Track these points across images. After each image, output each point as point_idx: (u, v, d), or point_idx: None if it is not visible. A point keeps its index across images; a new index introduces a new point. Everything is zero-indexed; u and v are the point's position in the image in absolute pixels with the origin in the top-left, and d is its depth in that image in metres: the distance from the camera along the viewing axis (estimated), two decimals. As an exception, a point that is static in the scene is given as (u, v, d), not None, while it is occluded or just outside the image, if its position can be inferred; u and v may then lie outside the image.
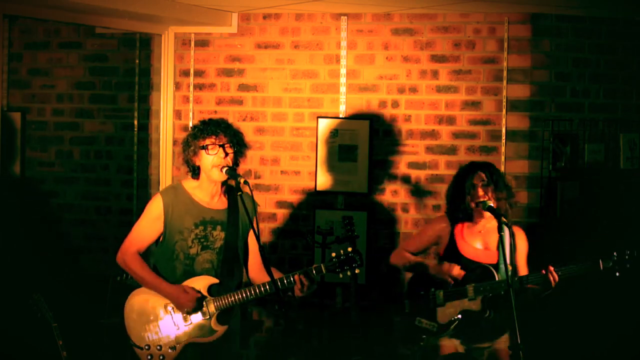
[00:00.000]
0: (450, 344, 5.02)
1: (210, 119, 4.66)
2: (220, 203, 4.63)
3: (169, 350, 4.52)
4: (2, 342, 5.43)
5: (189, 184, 4.65)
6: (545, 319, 5.89)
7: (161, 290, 4.54)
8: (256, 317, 6.46)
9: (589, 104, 6.35)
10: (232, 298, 4.50)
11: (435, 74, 6.28)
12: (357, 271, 4.49)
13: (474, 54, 6.22)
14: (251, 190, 4.45)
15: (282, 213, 6.50)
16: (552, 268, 4.80)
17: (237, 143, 4.59)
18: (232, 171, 4.51)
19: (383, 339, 6.18)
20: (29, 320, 4.88)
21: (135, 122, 6.84)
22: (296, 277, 4.48)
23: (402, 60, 6.32)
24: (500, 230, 4.68)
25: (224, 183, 4.63)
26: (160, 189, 6.54)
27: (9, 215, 5.99)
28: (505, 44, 6.16)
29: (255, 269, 4.70)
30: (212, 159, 4.52)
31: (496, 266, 4.95)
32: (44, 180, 6.97)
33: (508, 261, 4.76)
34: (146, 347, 4.54)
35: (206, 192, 4.62)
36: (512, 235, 5.00)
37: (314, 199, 6.44)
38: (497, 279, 4.87)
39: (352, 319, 5.84)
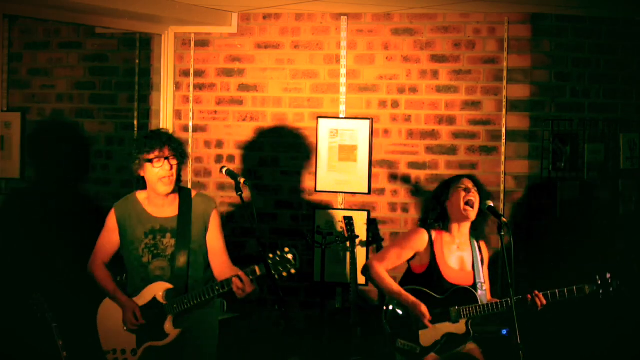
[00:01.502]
0: (432, 355, 5.03)
1: (152, 131, 4.84)
2: (170, 210, 4.71)
3: (131, 355, 4.66)
4: (2, 342, 5.43)
5: (141, 195, 4.77)
6: (544, 319, 5.89)
7: (117, 301, 4.72)
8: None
9: (589, 104, 6.35)
10: (182, 302, 4.59)
11: (435, 74, 6.28)
12: (292, 271, 4.45)
13: (474, 54, 6.22)
14: (251, 190, 4.45)
15: (282, 213, 6.50)
16: (537, 293, 4.88)
17: (180, 155, 4.67)
18: (232, 171, 4.56)
19: (382, 340, 6.18)
20: (29, 320, 4.89)
21: (135, 122, 6.84)
22: (234, 279, 4.51)
23: (402, 60, 6.31)
24: (500, 231, 4.68)
25: (175, 190, 4.69)
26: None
27: (9, 215, 5.99)
28: (505, 44, 6.16)
29: (219, 268, 4.74)
30: (158, 172, 4.60)
31: (474, 286, 5.02)
32: (44, 181, 6.96)
33: (483, 271, 4.86)
34: (112, 352, 4.71)
35: (155, 202, 4.72)
36: (480, 251, 5.13)
37: (314, 199, 6.44)
38: (478, 300, 4.95)
39: (352, 319, 5.84)
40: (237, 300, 4.64)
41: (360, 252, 6.13)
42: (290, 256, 4.44)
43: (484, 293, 5.03)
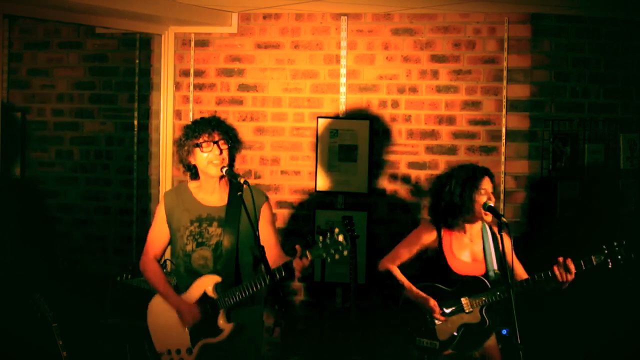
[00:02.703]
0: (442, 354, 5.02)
1: (202, 118, 4.71)
2: (219, 200, 4.65)
3: (187, 354, 4.56)
4: (2, 342, 5.43)
5: (192, 184, 4.71)
6: (545, 318, 5.90)
7: (168, 300, 4.62)
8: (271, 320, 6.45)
9: (589, 104, 6.35)
10: (234, 294, 4.49)
11: (435, 74, 6.28)
12: (345, 253, 4.36)
13: (474, 54, 6.22)
14: (251, 191, 4.44)
15: (282, 213, 6.50)
16: (568, 260, 4.76)
17: (230, 139, 4.61)
18: (232, 171, 4.54)
19: (383, 339, 6.18)
20: (29, 320, 4.89)
21: (135, 122, 6.84)
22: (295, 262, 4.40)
23: (402, 60, 6.32)
24: (500, 230, 4.69)
25: (225, 177, 4.62)
26: (160, 189, 6.57)
27: (9, 215, 5.99)
28: (505, 44, 6.16)
29: (272, 259, 4.59)
30: (207, 156, 4.55)
31: (486, 275, 4.98)
32: (44, 180, 6.97)
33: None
34: (167, 352, 4.60)
35: (206, 190, 4.66)
36: (495, 236, 5.03)
37: (314, 199, 6.44)
38: (489, 286, 4.90)
39: (352, 319, 5.84)
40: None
41: (360, 253, 6.13)
42: (341, 237, 4.34)
43: (498, 279, 4.98)
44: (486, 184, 4.94)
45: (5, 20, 6.00)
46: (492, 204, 4.84)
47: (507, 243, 4.90)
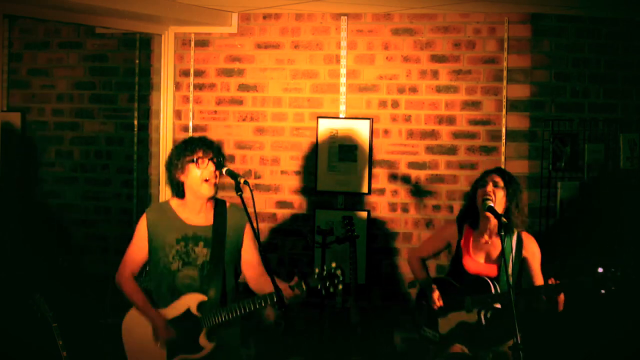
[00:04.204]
0: (458, 346, 5.04)
1: (191, 137, 4.74)
2: (205, 219, 4.63)
3: None
4: (2, 342, 5.43)
5: (175, 202, 4.67)
6: (545, 318, 5.90)
7: (146, 315, 4.60)
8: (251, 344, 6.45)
9: (589, 104, 6.35)
10: (220, 316, 4.51)
11: (435, 74, 6.28)
12: (339, 287, 4.40)
13: (474, 54, 6.22)
14: (251, 191, 4.43)
15: (282, 213, 6.50)
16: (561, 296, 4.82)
17: (222, 159, 4.62)
18: (232, 171, 4.52)
19: (383, 339, 6.18)
20: (29, 320, 4.88)
21: (135, 122, 6.84)
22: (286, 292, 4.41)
23: (402, 60, 6.32)
24: (499, 231, 4.68)
25: (211, 198, 4.62)
26: (160, 189, 6.56)
27: (9, 215, 5.99)
28: (505, 44, 6.16)
29: (255, 279, 4.67)
30: (202, 173, 4.53)
31: (497, 278, 4.96)
32: (44, 181, 6.97)
33: (510, 265, 4.77)
34: None
35: (191, 209, 4.63)
36: (520, 241, 5.00)
37: (314, 199, 6.44)
38: (492, 291, 4.89)
39: (352, 319, 5.84)
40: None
41: (360, 253, 6.13)
42: (338, 272, 4.40)
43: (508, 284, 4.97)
44: (491, 178, 4.97)
45: (5, 20, 6.01)
46: (491, 204, 4.83)
47: (533, 250, 5.00)
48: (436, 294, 5.03)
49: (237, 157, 6.56)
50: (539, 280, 4.97)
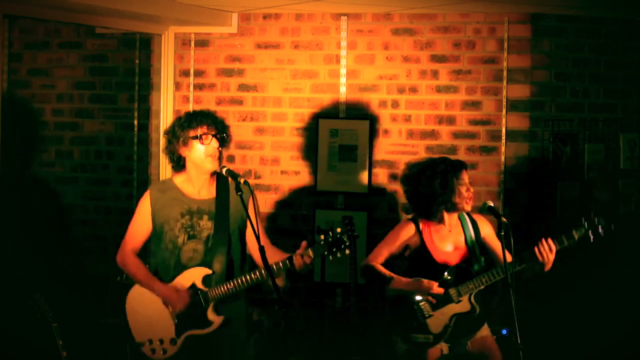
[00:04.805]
0: (435, 348, 5.03)
1: (194, 111, 4.71)
2: (207, 193, 4.63)
3: (170, 344, 4.53)
4: (2, 342, 5.43)
5: (178, 178, 4.67)
6: (546, 317, 5.90)
7: (154, 290, 4.57)
8: (256, 318, 6.45)
9: (589, 104, 6.35)
10: (226, 287, 4.50)
11: (435, 74, 6.28)
12: (347, 252, 4.42)
13: (474, 54, 6.22)
14: (251, 191, 4.43)
15: (282, 213, 6.50)
16: (548, 240, 4.85)
17: (226, 134, 4.61)
18: (232, 171, 4.52)
19: (383, 339, 6.18)
20: (29, 320, 4.88)
21: (135, 122, 6.84)
22: (296, 257, 4.44)
23: (402, 60, 6.32)
24: (499, 231, 4.68)
25: (214, 173, 4.61)
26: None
27: (9, 215, 5.99)
28: (505, 44, 6.16)
29: (258, 252, 4.61)
30: (206, 149, 4.53)
31: (469, 262, 5.04)
32: (44, 180, 6.96)
33: (507, 256, 4.82)
34: (149, 342, 4.56)
35: (194, 184, 4.63)
36: (474, 223, 5.14)
37: (314, 199, 6.44)
38: (472, 274, 4.97)
39: (352, 319, 5.84)
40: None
41: (360, 252, 6.13)
42: (344, 237, 4.40)
43: (481, 266, 5.06)
44: (465, 176, 5.07)
45: (5, 20, 5.99)
46: (491, 204, 4.85)
47: (488, 228, 5.16)
48: (426, 281, 4.92)
49: (237, 157, 6.56)
50: (505, 253, 4.96)
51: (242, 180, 4.39)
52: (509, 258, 4.70)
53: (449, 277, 4.97)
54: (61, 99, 6.96)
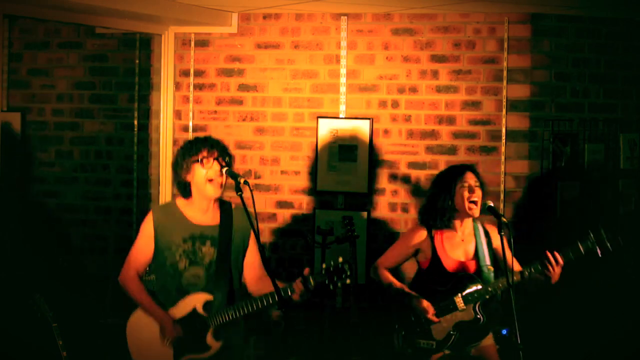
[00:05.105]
0: (438, 354, 5.04)
1: (196, 137, 4.74)
2: (211, 219, 4.63)
3: None
4: (2, 342, 5.43)
5: (181, 201, 4.66)
6: (546, 317, 5.90)
7: (153, 315, 4.59)
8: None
9: (589, 104, 6.35)
10: (227, 315, 4.52)
11: (435, 74, 6.28)
12: (347, 281, 4.47)
13: (474, 54, 6.22)
14: (251, 191, 4.43)
15: (282, 213, 6.50)
16: (554, 253, 4.83)
17: (228, 157, 4.61)
18: (232, 171, 4.52)
19: (383, 339, 6.18)
20: (29, 320, 4.88)
21: (135, 122, 6.84)
22: (296, 285, 4.50)
23: (402, 60, 6.32)
24: (500, 231, 4.69)
25: (217, 198, 4.62)
26: (160, 189, 6.57)
27: (9, 215, 5.99)
28: (505, 44, 6.16)
29: (253, 281, 4.70)
30: (207, 173, 4.53)
31: (479, 272, 5.02)
32: (44, 180, 6.96)
33: (487, 256, 4.84)
34: None
35: (197, 209, 4.62)
36: (487, 233, 5.12)
37: (314, 199, 6.44)
38: (479, 284, 4.95)
39: (352, 319, 5.84)
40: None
41: (360, 253, 6.13)
42: (346, 267, 4.44)
43: (491, 275, 5.03)
44: (469, 178, 5.05)
45: (5, 20, 6.01)
46: (491, 204, 4.86)
47: (499, 240, 4.98)
48: (426, 303, 4.97)
49: (237, 157, 6.55)
50: (515, 265, 4.96)
51: (242, 181, 4.39)
52: (509, 257, 4.70)
53: (454, 287, 4.97)
54: (61, 99, 6.96)
